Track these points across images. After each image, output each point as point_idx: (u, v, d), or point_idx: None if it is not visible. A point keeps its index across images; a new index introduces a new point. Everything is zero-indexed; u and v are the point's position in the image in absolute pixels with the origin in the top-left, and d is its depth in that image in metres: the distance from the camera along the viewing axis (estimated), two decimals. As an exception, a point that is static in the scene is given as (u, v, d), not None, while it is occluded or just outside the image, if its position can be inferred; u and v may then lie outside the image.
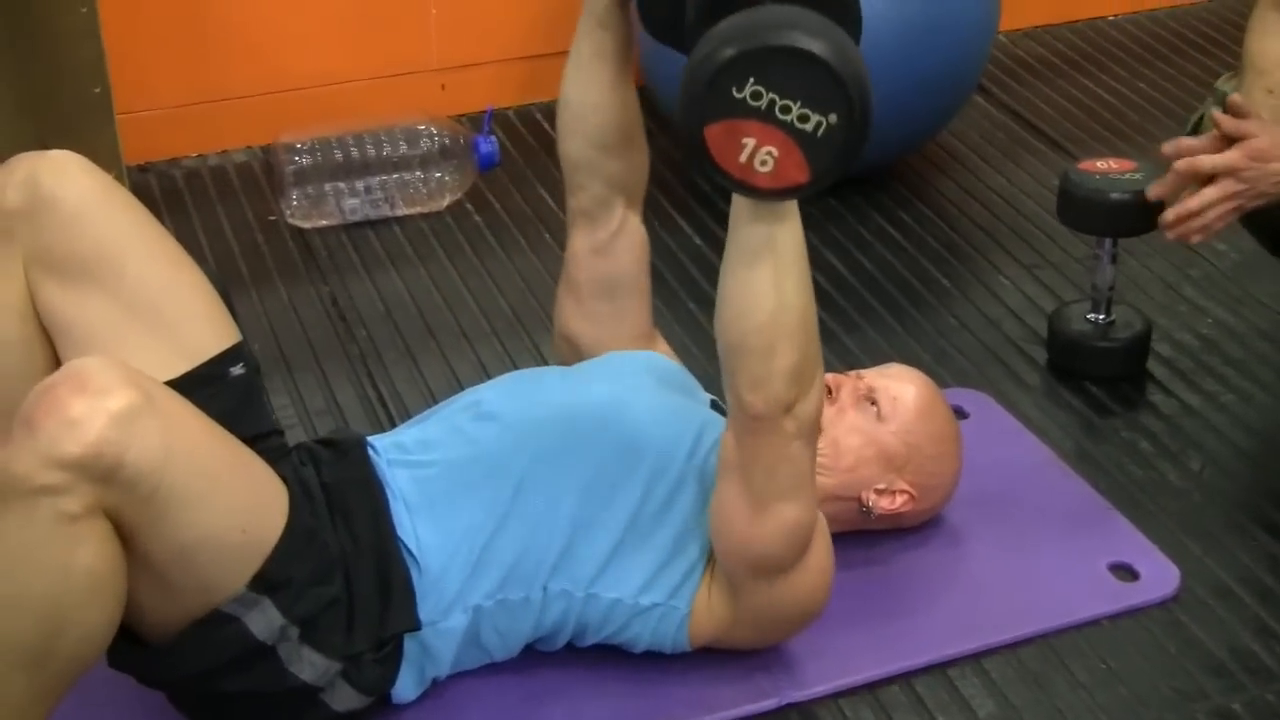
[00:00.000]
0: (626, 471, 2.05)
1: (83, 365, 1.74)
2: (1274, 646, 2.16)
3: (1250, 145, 2.31)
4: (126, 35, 3.04)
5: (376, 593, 1.95)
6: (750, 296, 1.85)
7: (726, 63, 1.68)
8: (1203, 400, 2.66)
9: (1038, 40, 3.84)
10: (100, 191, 2.02)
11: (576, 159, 2.27)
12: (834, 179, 1.76)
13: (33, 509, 1.67)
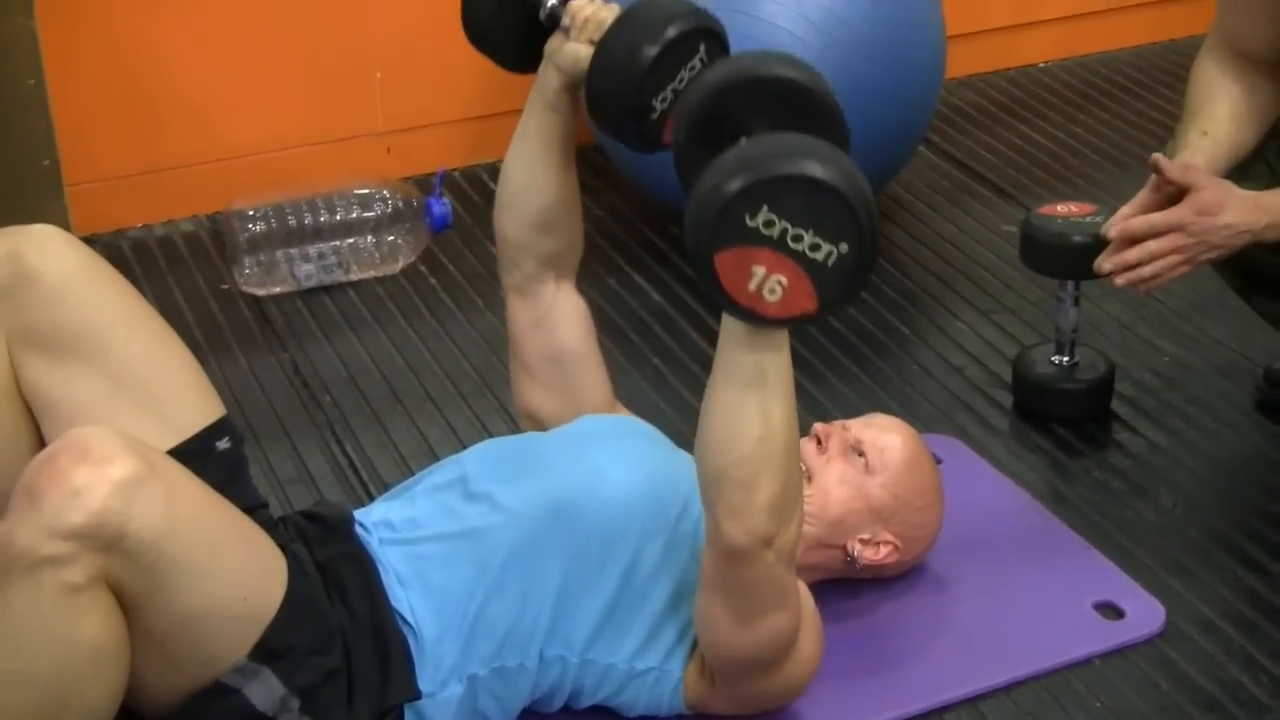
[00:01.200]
0: (615, 541, 2.05)
1: (84, 434, 1.74)
2: (1262, 678, 2.19)
3: (1197, 199, 2.34)
4: (73, 107, 3.03)
5: (375, 663, 1.94)
6: (736, 425, 1.85)
7: (742, 190, 1.68)
8: (1169, 437, 2.70)
9: (973, 89, 3.89)
10: (84, 266, 2.02)
11: (512, 238, 2.29)
12: (839, 308, 1.78)
13: (37, 581, 1.67)
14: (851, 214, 1.69)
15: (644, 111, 2.02)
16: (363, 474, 2.61)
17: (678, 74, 2.02)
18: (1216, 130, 2.47)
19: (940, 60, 3.26)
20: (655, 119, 2.04)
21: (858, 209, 1.69)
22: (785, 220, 1.68)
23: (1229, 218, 2.33)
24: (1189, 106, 2.53)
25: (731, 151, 1.74)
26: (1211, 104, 2.50)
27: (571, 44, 2.12)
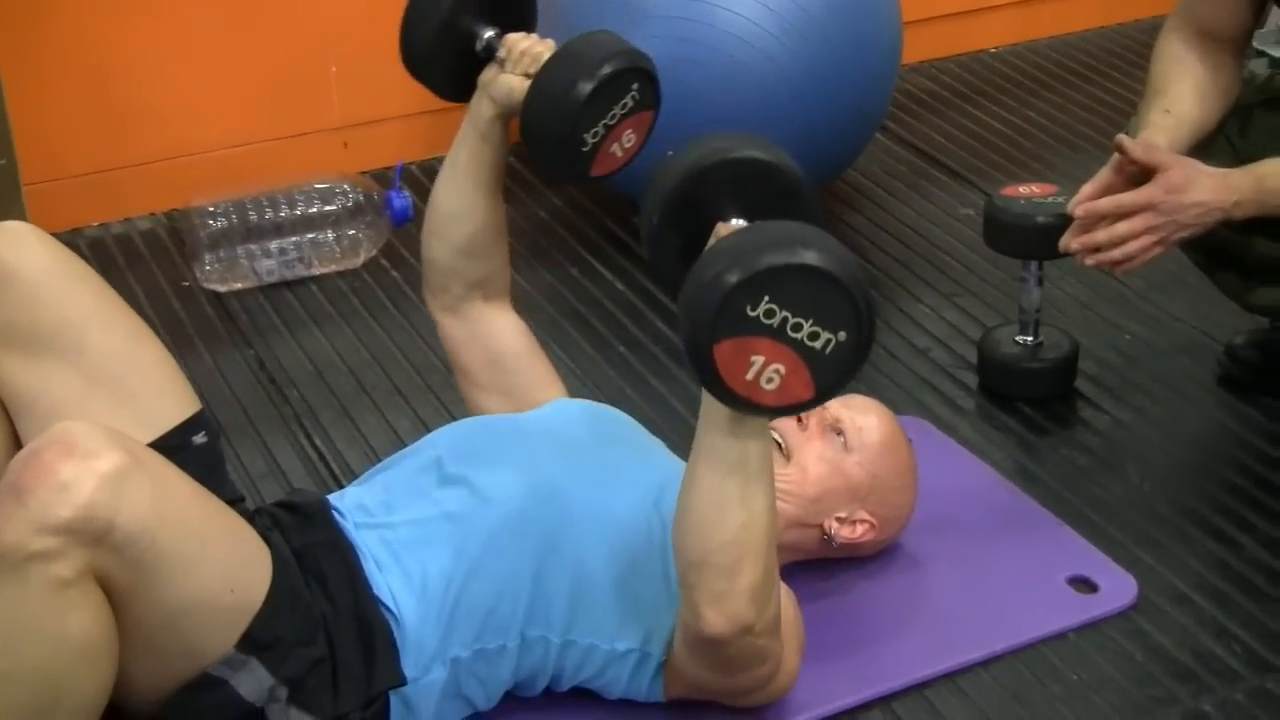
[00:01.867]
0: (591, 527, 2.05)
1: (69, 429, 1.74)
2: (1235, 648, 2.22)
3: (1165, 178, 2.35)
4: (29, 106, 3.02)
5: (359, 651, 1.94)
6: (718, 511, 1.85)
7: (743, 281, 1.67)
8: (1134, 414, 2.73)
9: (927, 75, 3.91)
10: (58, 263, 2.04)
11: (441, 262, 2.32)
12: (835, 395, 1.78)
13: (25, 577, 1.67)
14: (851, 302, 1.70)
15: (576, 144, 2.10)
16: (333, 466, 2.61)
17: (610, 110, 2.10)
18: (1180, 108, 2.48)
19: (897, 46, 3.28)
20: (586, 151, 2.12)
21: (857, 297, 1.70)
22: (785, 310, 1.69)
23: (1198, 196, 2.34)
24: (1152, 85, 2.54)
25: (725, 242, 1.75)
26: (1175, 82, 2.51)
27: (506, 76, 2.18)
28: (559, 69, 2.09)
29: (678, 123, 2.99)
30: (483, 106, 2.22)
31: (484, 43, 2.21)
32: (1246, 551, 2.40)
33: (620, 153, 2.17)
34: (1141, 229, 2.35)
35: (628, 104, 2.11)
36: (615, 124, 2.11)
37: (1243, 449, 2.65)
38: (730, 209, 1.87)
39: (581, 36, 2.16)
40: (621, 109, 2.11)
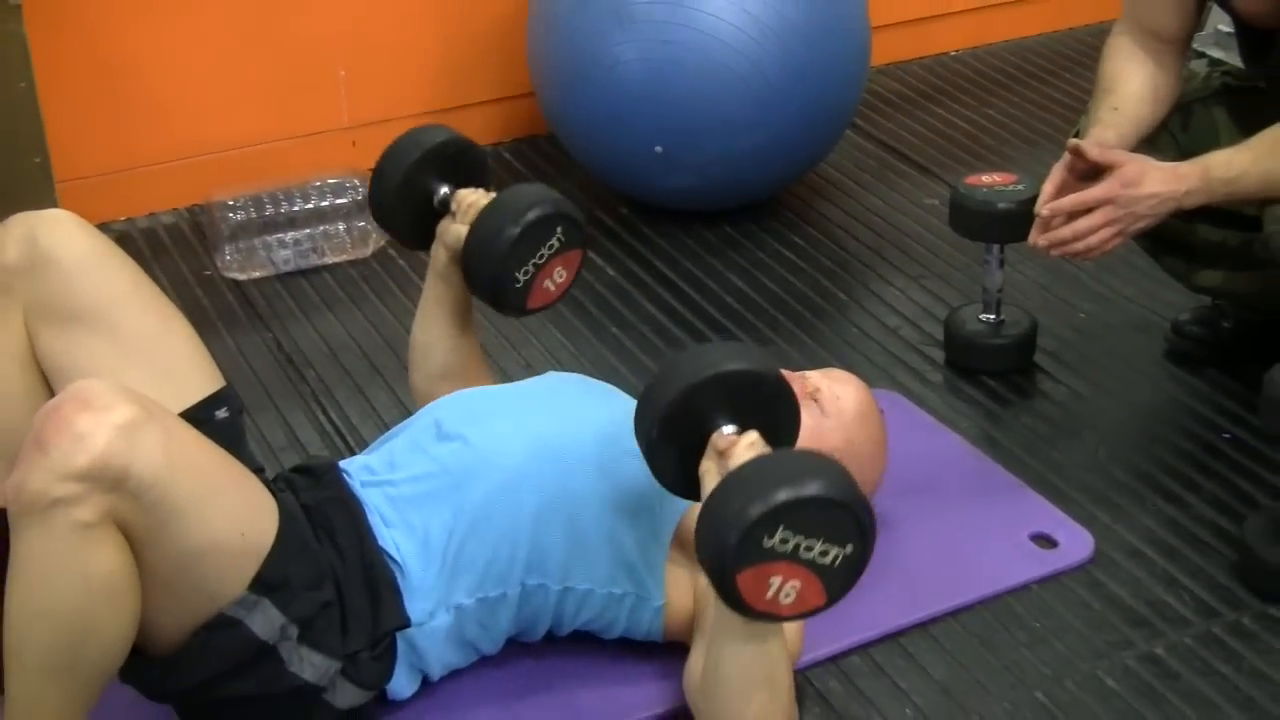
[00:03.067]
0: (582, 479, 2.06)
1: (84, 385, 1.75)
2: (1184, 597, 2.25)
3: (1121, 174, 2.35)
4: (61, 109, 3.02)
5: (366, 596, 1.95)
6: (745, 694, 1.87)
7: (760, 517, 1.69)
8: (1089, 386, 2.75)
9: (893, 76, 3.91)
10: (96, 248, 2.04)
11: (418, 388, 2.40)
12: (844, 598, 1.79)
13: (50, 522, 1.67)
14: (855, 519, 1.73)
15: (510, 281, 2.17)
16: (348, 439, 2.62)
17: (538, 251, 2.17)
18: (1127, 106, 2.50)
19: (865, 49, 3.29)
20: (519, 287, 2.19)
21: (860, 514, 1.73)
22: (799, 535, 1.71)
23: (1152, 188, 2.34)
24: (1101, 83, 2.55)
25: (737, 477, 1.75)
26: (1123, 81, 2.52)
27: (456, 225, 2.25)
28: (490, 217, 2.17)
29: (664, 119, 3.05)
30: (439, 252, 2.30)
31: (440, 198, 2.30)
32: (1194, 510, 2.43)
33: (553, 287, 2.24)
34: (1102, 222, 2.36)
35: (554, 244, 2.18)
36: (544, 263, 2.18)
37: (1190, 416, 2.66)
38: (721, 417, 1.88)
39: (512, 188, 2.25)
40: (549, 249, 2.18)
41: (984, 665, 2.14)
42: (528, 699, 2.08)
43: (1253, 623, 2.20)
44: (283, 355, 2.90)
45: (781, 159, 3.19)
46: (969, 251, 2.91)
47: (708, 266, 3.13)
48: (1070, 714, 2.07)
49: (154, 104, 3.30)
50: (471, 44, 3.48)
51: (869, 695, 2.10)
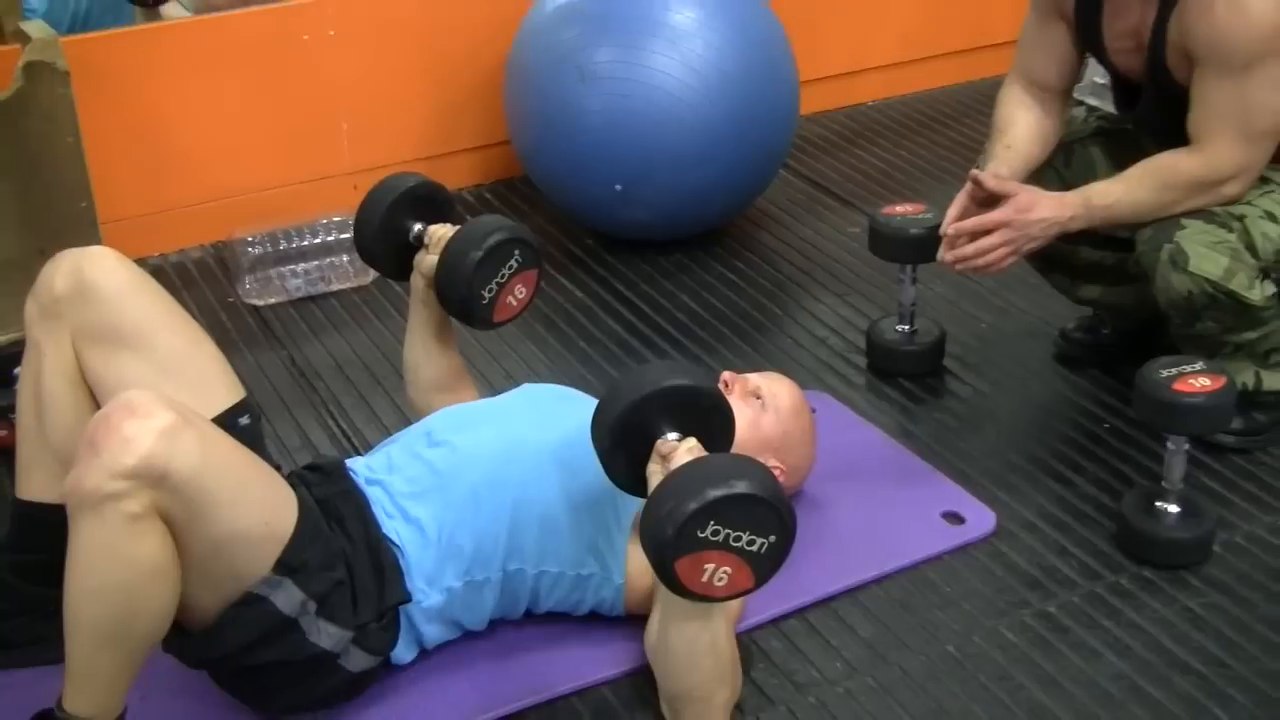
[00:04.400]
0: (552, 476, 2.06)
1: (131, 395, 1.75)
2: (1072, 563, 2.27)
3: (1015, 201, 2.35)
4: (103, 159, 2.97)
5: (373, 575, 1.95)
6: (691, 661, 1.89)
7: (693, 513, 1.70)
8: (990, 385, 2.75)
9: (819, 123, 3.88)
10: (132, 278, 2.04)
11: (413, 401, 2.39)
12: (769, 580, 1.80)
13: (103, 514, 1.67)
14: (777, 513, 1.74)
15: (477, 299, 2.17)
16: (354, 441, 2.61)
17: (500, 271, 2.17)
18: (1017, 145, 2.50)
19: (795, 99, 3.29)
20: (485, 304, 2.18)
21: (781, 509, 1.74)
22: (728, 528, 1.72)
23: (1042, 213, 2.35)
24: (996, 126, 2.55)
25: (676, 480, 1.76)
26: (1014, 124, 2.52)
27: (429, 256, 2.25)
28: (456, 245, 2.17)
29: (622, 161, 3.05)
30: (417, 280, 2.29)
31: (414, 234, 2.30)
32: (1079, 489, 2.44)
33: (515, 302, 2.23)
34: (1000, 242, 2.36)
35: (513, 265, 2.18)
36: (505, 281, 2.18)
37: (1075, 410, 2.67)
38: (665, 426, 1.89)
39: (474, 220, 2.24)
40: (509, 269, 2.18)
41: (903, 624, 2.16)
42: (511, 661, 2.08)
43: (1129, 583, 2.23)
44: (296, 370, 2.89)
45: (724, 195, 3.20)
46: (886, 271, 2.92)
47: (662, 288, 3.13)
48: (976, 664, 2.08)
49: (183, 155, 3.29)
50: (455, 99, 3.46)
51: (805, 651, 2.11)
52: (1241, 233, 2.31)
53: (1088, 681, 2.04)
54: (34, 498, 2.02)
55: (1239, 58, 2.22)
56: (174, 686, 2.00)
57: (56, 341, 1.99)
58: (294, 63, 3.34)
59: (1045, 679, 2.05)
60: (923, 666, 2.08)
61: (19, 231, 2.78)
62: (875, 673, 2.07)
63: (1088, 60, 2.58)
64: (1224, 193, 2.31)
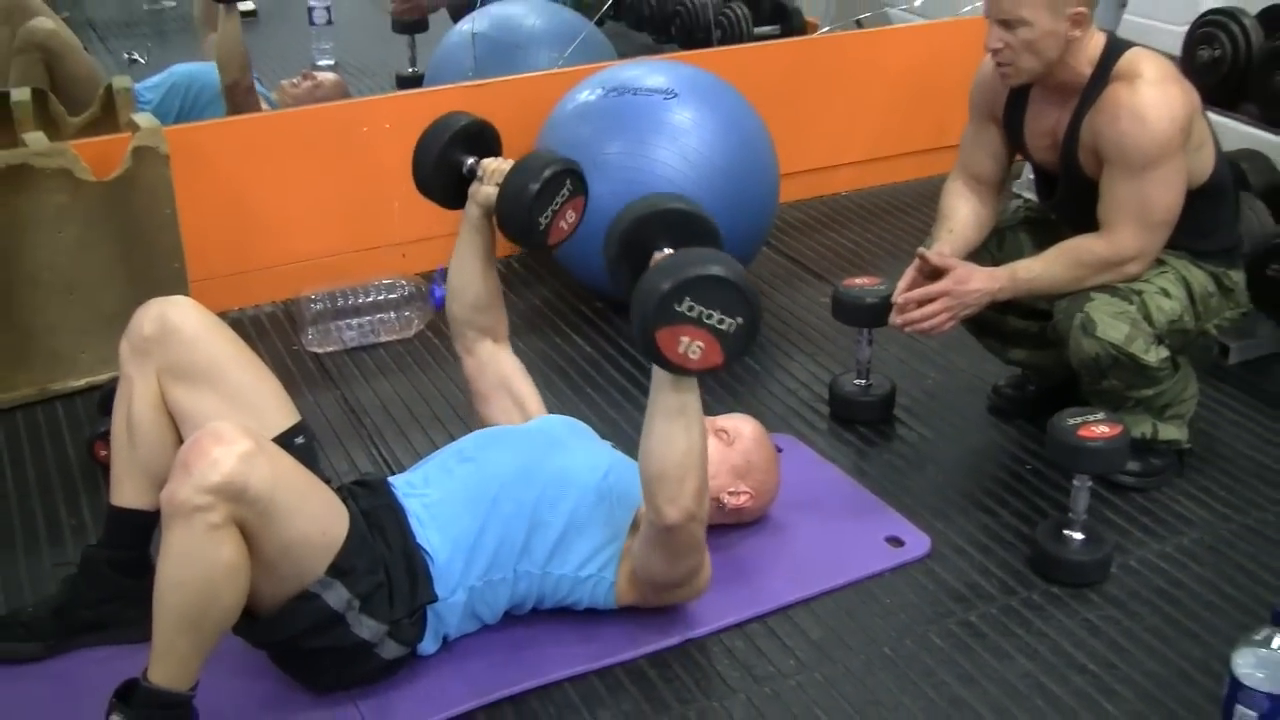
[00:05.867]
0: (562, 489, 2.09)
1: (217, 425, 1.81)
2: (993, 580, 2.30)
3: (954, 274, 2.42)
4: (193, 228, 3.03)
5: (407, 579, 1.98)
6: (669, 442, 1.90)
7: (672, 288, 1.75)
8: (933, 432, 2.78)
9: (798, 209, 3.87)
10: (208, 323, 2.08)
11: (457, 316, 2.35)
12: (738, 360, 1.85)
13: (191, 522, 1.73)
14: (744, 298, 1.79)
15: (534, 226, 2.15)
16: (394, 468, 2.62)
17: (554, 199, 2.15)
18: (958, 229, 2.56)
19: (775, 188, 3.28)
20: (542, 230, 2.16)
21: (748, 294, 1.79)
22: (701, 305, 1.77)
23: (976, 285, 2.41)
24: (941, 213, 2.61)
25: (661, 263, 1.81)
26: (956, 212, 2.58)
27: (485, 187, 2.24)
28: (516, 177, 2.14)
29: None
30: (472, 210, 2.28)
31: (468, 167, 2.27)
32: (1002, 519, 2.47)
33: (566, 226, 2.20)
34: (941, 309, 2.42)
35: (565, 194, 2.16)
36: (559, 208, 2.16)
37: (1003, 454, 2.70)
38: (662, 242, 1.94)
39: (530, 154, 2.20)
40: (561, 198, 2.16)
41: (847, 628, 2.19)
42: (522, 648, 2.12)
43: (1040, 598, 2.26)
44: (347, 407, 2.92)
45: None
46: (847, 334, 2.93)
47: None
48: (907, 663, 2.11)
49: (261, 225, 3.30)
50: None
51: (763, 650, 2.14)
52: (1140, 305, 2.37)
53: (1000, 679, 2.08)
54: (125, 504, 2.07)
55: (1139, 160, 2.30)
56: (236, 667, 2.04)
57: (144, 375, 2.04)
58: (355, 150, 3.36)
59: (965, 676, 2.08)
60: (862, 664, 2.11)
61: (122, 288, 2.87)
62: (822, 669, 2.10)
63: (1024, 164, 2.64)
64: (1126, 271, 2.38)
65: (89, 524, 2.48)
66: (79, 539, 2.40)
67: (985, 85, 2.56)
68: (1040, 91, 2.46)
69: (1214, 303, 2.47)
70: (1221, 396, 2.86)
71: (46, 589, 2.22)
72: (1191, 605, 2.24)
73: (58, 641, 2.11)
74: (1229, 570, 2.32)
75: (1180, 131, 2.29)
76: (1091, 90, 2.36)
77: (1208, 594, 2.27)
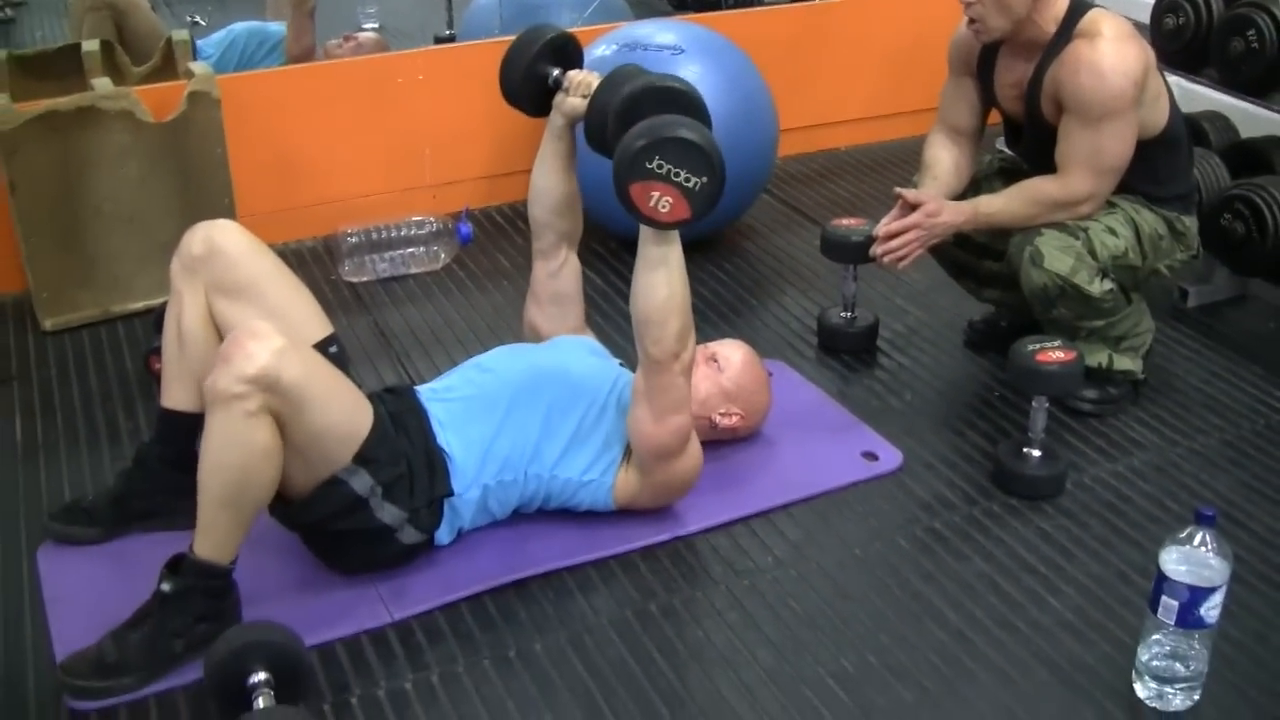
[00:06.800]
0: (571, 401, 2.13)
1: (254, 323, 1.86)
2: (957, 493, 2.35)
3: (925, 208, 2.45)
4: (242, 168, 3.07)
5: (427, 472, 2.03)
6: (652, 289, 1.94)
7: (643, 147, 1.79)
8: (911, 361, 2.80)
9: (798, 162, 3.87)
10: (249, 244, 2.13)
11: (538, 218, 2.34)
12: (705, 217, 1.87)
13: (229, 409, 1.79)
14: (708, 159, 1.82)
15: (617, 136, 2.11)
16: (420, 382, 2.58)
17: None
18: (940, 177, 2.58)
19: (774, 139, 3.27)
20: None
21: (712, 156, 1.82)
22: (670, 164, 1.81)
23: (945, 218, 2.46)
24: (924, 162, 2.63)
25: (637, 126, 1.84)
26: (938, 161, 2.60)
27: (571, 99, 2.22)
28: (603, 93, 2.11)
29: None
30: (556, 119, 2.25)
31: (554, 78, 2.24)
32: (970, 439, 2.51)
33: None
34: (912, 238, 2.45)
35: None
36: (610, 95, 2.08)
37: (975, 382, 2.74)
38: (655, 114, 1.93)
39: (616, 69, 2.16)
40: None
41: (822, 531, 2.23)
42: (528, 541, 2.17)
43: (999, 509, 2.31)
44: (378, 331, 2.95)
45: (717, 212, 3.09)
46: (837, 272, 2.94)
47: None
48: (874, 562, 2.17)
49: (303, 167, 3.32)
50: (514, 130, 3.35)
51: (745, 548, 2.19)
52: (1085, 240, 2.39)
53: (957, 577, 2.13)
54: (175, 406, 2.12)
55: (1094, 111, 2.32)
56: (273, 550, 2.10)
57: (193, 291, 2.09)
58: (390, 100, 3.38)
59: (925, 574, 2.13)
60: (834, 562, 2.16)
61: (177, 220, 2.87)
62: (797, 566, 2.15)
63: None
64: (1079, 211, 2.40)
65: (143, 427, 2.56)
66: (134, 440, 2.47)
67: (961, 43, 2.58)
68: (1009, 47, 2.48)
69: (1164, 245, 2.49)
70: (1179, 336, 2.89)
71: (106, 483, 2.30)
72: (1136, 517, 2.28)
73: (115, 527, 2.18)
74: (1173, 488, 2.37)
75: (1134, 86, 2.31)
76: (1055, 45, 2.38)
77: (1152, 508, 2.31)
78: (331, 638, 1.98)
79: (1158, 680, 1.86)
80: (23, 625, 2.04)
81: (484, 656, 1.97)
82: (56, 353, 2.87)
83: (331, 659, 1.96)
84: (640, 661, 1.96)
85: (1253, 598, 2.08)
